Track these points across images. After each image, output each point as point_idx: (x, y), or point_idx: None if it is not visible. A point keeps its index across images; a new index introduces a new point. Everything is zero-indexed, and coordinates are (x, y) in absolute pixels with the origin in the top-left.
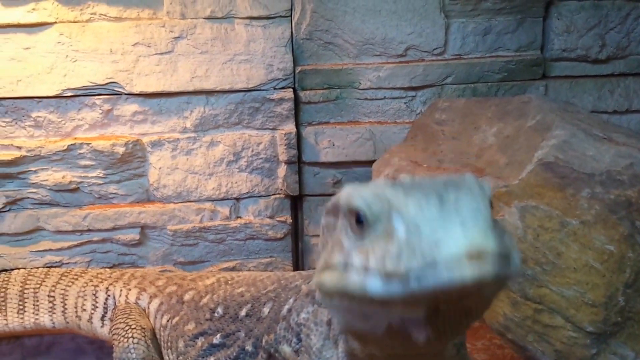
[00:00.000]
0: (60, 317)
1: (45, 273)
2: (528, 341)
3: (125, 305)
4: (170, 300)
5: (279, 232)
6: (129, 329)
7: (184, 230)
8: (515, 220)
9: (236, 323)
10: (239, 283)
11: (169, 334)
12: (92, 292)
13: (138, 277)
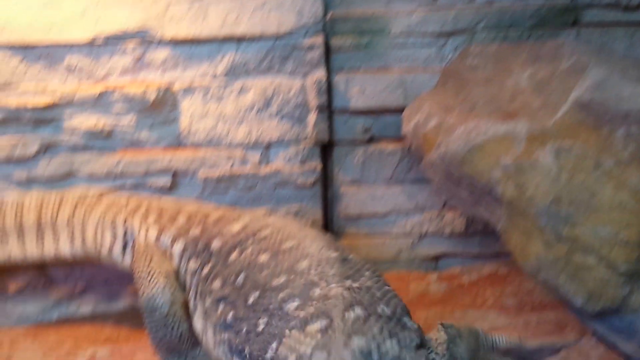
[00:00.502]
0: (80, 248)
1: (60, 201)
2: (560, 282)
3: (145, 247)
4: (197, 245)
5: (309, 180)
6: (152, 277)
7: (214, 176)
8: (549, 161)
9: (245, 309)
10: (265, 243)
11: (199, 285)
12: (110, 224)
13: (155, 211)
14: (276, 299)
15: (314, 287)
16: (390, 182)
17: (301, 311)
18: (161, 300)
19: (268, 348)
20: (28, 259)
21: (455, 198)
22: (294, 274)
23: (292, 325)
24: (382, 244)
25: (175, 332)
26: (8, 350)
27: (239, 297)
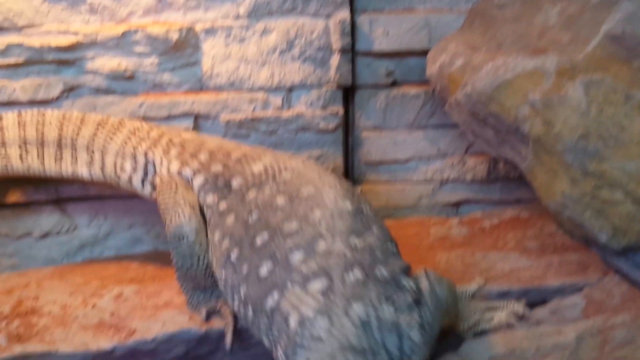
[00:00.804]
0: (99, 172)
1: (82, 120)
2: (585, 218)
3: (169, 178)
4: (217, 181)
5: (330, 124)
6: (179, 206)
7: (236, 120)
8: (579, 95)
9: (250, 250)
10: (283, 187)
11: (214, 220)
12: (131, 154)
13: (177, 145)
14: (283, 246)
15: (320, 240)
16: (412, 127)
17: (304, 265)
18: (188, 228)
19: (268, 296)
20: (47, 174)
21: (480, 139)
22: (306, 222)
23: (294, 278)
24: (403, 191)
25: (202, 263)
26: (36, 289)
27: (246, 236)
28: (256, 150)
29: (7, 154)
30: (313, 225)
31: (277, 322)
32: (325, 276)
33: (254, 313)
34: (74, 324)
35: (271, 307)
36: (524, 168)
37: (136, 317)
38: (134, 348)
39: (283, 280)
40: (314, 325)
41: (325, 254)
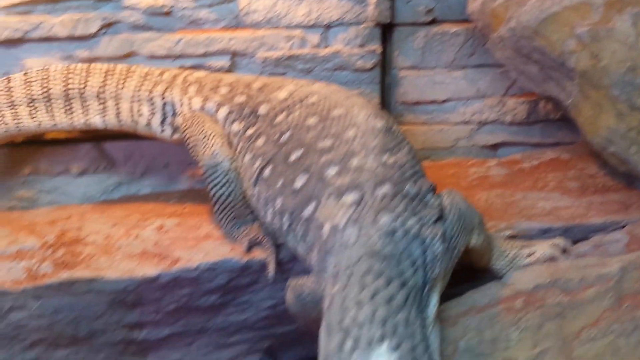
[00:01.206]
0: (114, 119)
1: (87, 71)
2: (630, 153)
3: (193, 114)
4: (242, 110)
5: (368, 63)
6: (209, 137)
7: (273, 57)
8: (627, 27)
9: (283, 165)
10: (313, 108)
11: (241, 144)
12: (147, 98)
13: (193, 82)
14: (318, 160)
15: (354, 156)
16: (452, 67)
17: (338, 179)
18: (222, 156)
19: (305, 206)
20: (59, 128)
21: (524, 76)
22: (339, 140)
23: (329, 192)
24: (440, 132)
25: (238, 189)
26: (78, 221)
27: (279, 153)
28: (276, 80)
29: (18, 113)
30: (346, 142)
31: (312, 230)
32: (358, 190)
33: (290, 223)
34: (118, 252)
35: (307, 217)
36: (569, 104)
37: (178, 248)
38: (178, 276)
39: (319, 193)
40: (343, 233)
41: (358, 169)
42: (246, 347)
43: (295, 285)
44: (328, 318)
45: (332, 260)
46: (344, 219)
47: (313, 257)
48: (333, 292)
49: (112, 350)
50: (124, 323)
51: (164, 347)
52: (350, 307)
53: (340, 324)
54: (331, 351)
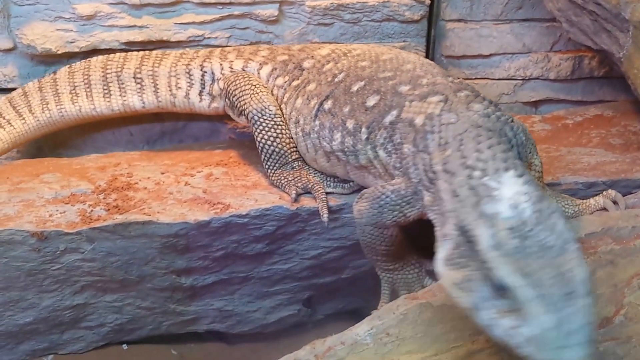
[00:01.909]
0: (152, 97)
1: (124, 57)
2: None
3: (234, 72)
4: (286, 66)
5: (416, 14)
6: (254, 87)
7: (321, 6)
8: None
9: (346, 96)
10: (361, 57)
11: (288, 94)
12: (184, 71)
13: (232, 51)
14: (386, 84)
15: (421, 78)
16: (499, 20)
17: (415, 91)
18: (268, 102)
19: (386, 115)
20: (97, 112)
21: (576, 28)
22: (400, 71)
23: (410, 99)
24: (484, 87)
25: (286, 133)
26: (127, 168)
27: (338, 89)
28: (314, 44)
29: (61, 100)
30: (407, 71)
31: (400, 129)
32: (440, 94)
33: (368, 135)
34: (170, 198)
35: (391, 121)
36: (621, 56)
37: (228, 195)
38: (229, 221)
39: (398, 102)
40: (441, 117)
41: (431, 84)
42: (287, 297)
43: (372, 192)
44: (446, 168)
45: (435, 136)
46: (437, 109)
47: (407, 149)
48: (445, 155)
49: (158, 296)
50: (173, 268)
51: (207, 294)
52: (471, 153)
53: (464, 164)
54: (458, 184)
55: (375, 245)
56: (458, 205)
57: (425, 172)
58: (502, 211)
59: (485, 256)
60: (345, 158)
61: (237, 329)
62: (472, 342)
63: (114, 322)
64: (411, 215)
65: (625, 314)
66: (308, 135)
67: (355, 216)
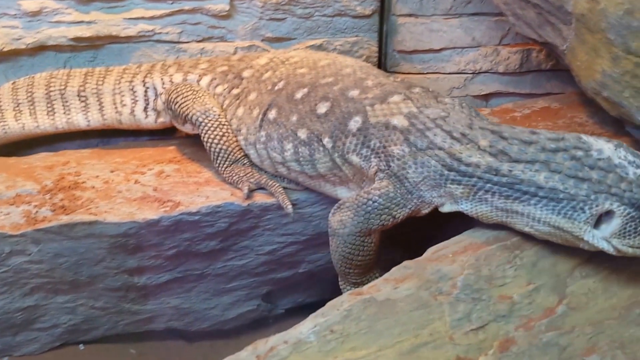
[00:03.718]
0: (97, 115)
1: (68, 74)
2: (624, 97)
3: (176, 84)
4: (226, 76)
5: (367, 9)
6: (196, 92)
7: (273, 1)
8: None
9: (290, 104)
10: (299, 64)
11: (227, 101)
12: (128, 88)
13: (172, 65)
14: (332, 90)
15: (365, 80)
16: (448, 15)
17: (367, 94)
18: (211, 104)
19: (348, 122)
20: (41, 129)
21: (521, 21)
22: (340, 76)
23: (368, 103)
24: (436, 81)
25: (231, 132)
26: (76, 166)
27: (280, 97)
28: (252, 53)
29: (4, 117)
30: (348, 75)
31: (375, 134)
32: (397, 94)
33: (333, 143)
34: (118, 197)
35: (358, 128)
36: (565, 49)
37: (179, 192)
38: (179, 220)
39: (357, 107)
40: (426, 113)
41: (378, 85)
42: (245, 292)
43: (356, 200)
44: (504, 152)
45: (438, 131)
46: (413, 107)
47: (396, 149)
48: (483, 144)
49: (112, 296)
50: (125, 268)
51: (163, 293)
52: (464, 122)
53: (522, 141)
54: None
55: (354, 255)
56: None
57: (445, 166)
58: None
59: None
60: (300, 168)
61: (196, 327)
62: (415, 336)
63: (67, 323)
64: (400, 216)
65: (567, 304)
66: (253, 145)
67: (336, 227)
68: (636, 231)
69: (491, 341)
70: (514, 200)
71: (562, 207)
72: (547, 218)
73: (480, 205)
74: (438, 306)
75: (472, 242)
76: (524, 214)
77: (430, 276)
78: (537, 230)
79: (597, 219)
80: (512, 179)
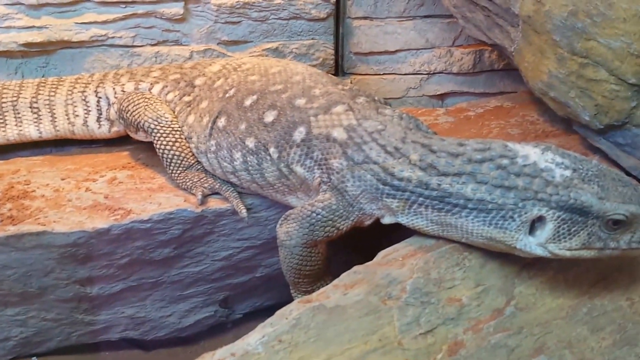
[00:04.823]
0: (49, 126)
1: (20, 85)
2: (570, 97)
3: (127, 92)
4: (178, 84)
5: (322, 12)
6: (148, 99)
7: (227, 5)
8: None
9: (239, 111)
10: (251, 71)
11: (178, 108)
12: (80, 98)
13: (125, 74)
14: (280, 98)
15: (312, 89)
16: (402, 17)
17: (314, 103)
18: (163, 111)
19: (292, 132)
20: None
21: (470, 24)
22: (290, 84)
23: (313, 112)
24: (392, 82)
25: (183, 140)
26: (26, 175)
27: (229, 104)
28: (206, 60)
29: None
30: (297, 83)
31: (318, 145)
32: (341, 104)
33: (279, 153)
34: (68, 206)
35: (302, 139)
36: (513, 50)
37: (131, 199)
38: (130, 228)
39: (302, 117)
40: (364, 127)
41: (325, 94)
42: (202, 299)
43: (300, 212)
44: (432, 165)
45: (373, 145)
46: (352, 119)
47: (336, 162)
48: (414, 159)
49: (64, 307)
50: (76, 278)
51: (117, 302)
52: (398, 135)
53: (450, 154)
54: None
55: (302, 266)
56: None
57: (379, 180)
58: (556, 175)
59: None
60: (250, 177)
61: (152, 335)
62: (364, 342)
63: (19, 336)
64: (344, 227)
65: (515, 305)
66: (204, 154)
67: (283, 239)
68: (570, 233)
69: (440, 345)
70: (446, 213)
71: (492, 217)
72: (479, 230)
73: (416, 219)
74: (387, 311)
75: (423, 245)
76: (457, 226)
77: (379, 281)
78: (473, 242)
79: (531, 226)
80: (442, 192)
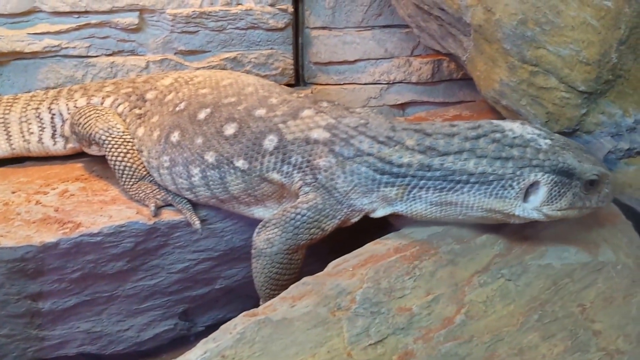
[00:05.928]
0: (5, 145)
1: None
2: (521, 105)
3: (79, 107)
4: (129, 97)
5: (280, 22)
6: (99, 111)
7: (183, 14)
8: None
9: (194, 125)
10: (202, 84)
11: (128, 120)
12: (34, 115)
13: (78, 90)
14: (237, 110)
15: (268, 99)
16: (361, 27)
17: (276, 112)
18: (115, 122)
19: (262, 142)
20: None
21: (425, 33)
22: (243, 95)
23: (280, 120)
24: (352, 92)
25: (135, 152)
26: None
27: (181, 119)
28: (159, 73)
29: None
30: (251, 94)
31: (296, 150)
32: (306, 108)
33: (249, 164)
34: (17, 219)
35: (275, 146)
36: (465, 60)
37: (82, 212)
38: (80, 241)
39: (269, 126)
40: (345, 122)
41: (284, 102)
42: (160, 312)
43: (282, 216)
44: (432, 147)
45: (363, 138)
46: (330, 119)
47: (321, 162)
48: (409, 144)
49: (17, 322)
50: (26, 294)
51: (72, 317)
52: (386, 126)
53: (446, 135)
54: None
55: (280, 275)
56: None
57: (377, 171)
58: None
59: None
60: (210, 193)
61: (110, 350)
62: (312, 355)
63: None
64: (329, 228)
65: (466, 313)
66: (156, 170)
67: (262, 247)
68: (560, 194)
69: (390, 355)
70: (447, 191)
71: (493, 188)
72: (480, 202)
73: (415, 204)
74: (336, 322)
75: (373, 254)
76: (457, 203)
77: (328, 292)
78: (470, 217)
79: (525, 193)
80: (445, 171)
